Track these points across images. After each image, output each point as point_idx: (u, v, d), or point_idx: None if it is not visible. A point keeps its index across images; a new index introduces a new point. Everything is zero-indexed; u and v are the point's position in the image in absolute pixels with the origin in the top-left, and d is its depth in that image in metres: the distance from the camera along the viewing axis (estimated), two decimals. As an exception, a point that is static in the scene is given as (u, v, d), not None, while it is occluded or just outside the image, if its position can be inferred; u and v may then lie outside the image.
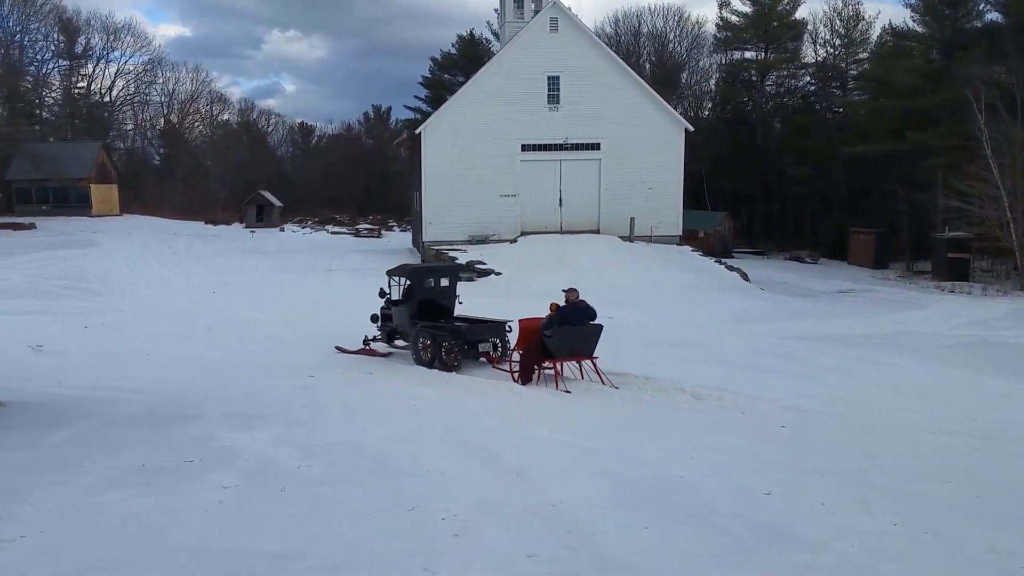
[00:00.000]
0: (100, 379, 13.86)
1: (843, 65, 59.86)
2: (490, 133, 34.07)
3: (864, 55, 57.98)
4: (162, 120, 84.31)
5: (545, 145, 34.57)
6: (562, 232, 34.28)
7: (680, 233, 35.60)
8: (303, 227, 62.22)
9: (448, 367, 14.67)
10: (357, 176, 78.56)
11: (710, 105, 66.00)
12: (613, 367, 15.03)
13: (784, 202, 58.22)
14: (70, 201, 59.48)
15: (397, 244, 48.58)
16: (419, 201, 36.72)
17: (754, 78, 61.11)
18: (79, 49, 76.73)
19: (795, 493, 7.89)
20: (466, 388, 13.53)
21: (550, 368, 13.79)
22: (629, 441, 10.10)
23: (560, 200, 34.91)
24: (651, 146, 34.79)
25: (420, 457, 9.02)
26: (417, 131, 36.15)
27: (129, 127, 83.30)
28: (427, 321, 15.72)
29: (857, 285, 34.34)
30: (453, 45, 73.84)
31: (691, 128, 36.20)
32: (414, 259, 37.78)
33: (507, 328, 15.35)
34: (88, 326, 19.30)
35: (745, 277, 30.30)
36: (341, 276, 32.02)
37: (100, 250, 37.60)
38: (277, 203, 65.29)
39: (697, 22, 75.48)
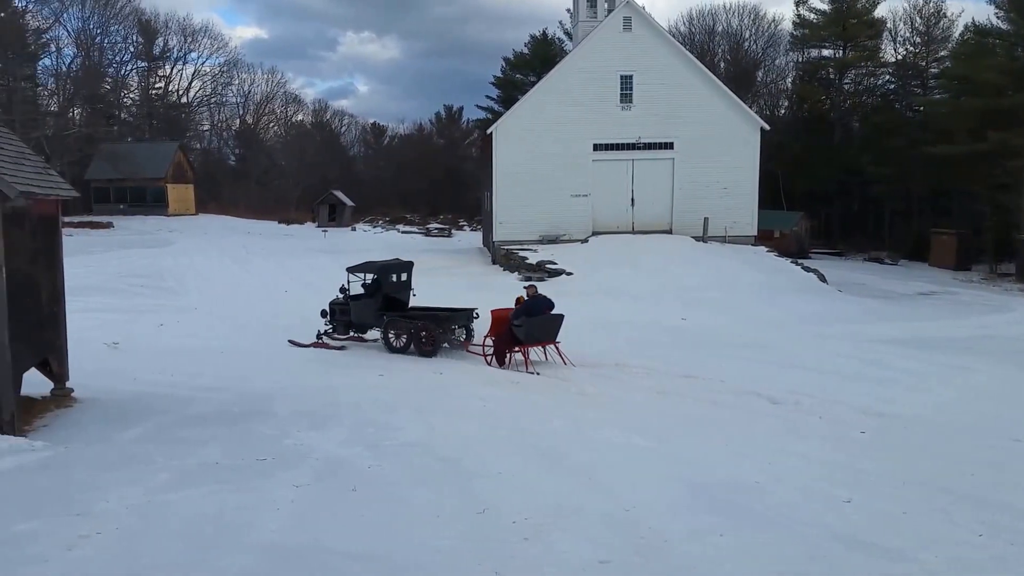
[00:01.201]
0: (174, 376, 14.12)
1: (923, 63, 58.01)
2: (562, 133, 33.90)
3: (945, 53, 56.10)
4: (237, 121, 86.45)
5: (617, 144, 34.25)
6: (634, 232, 33.92)
7: (755, 233, 34.88)
8: (374, 226, 63.03)
9: (424, 352, 16.20)
10: (428, 176, 79.14)
11: (786, 103, 64.78)
12: (686, 369, 14.78)
13: (863, 202, 56.72)
14: (147, 201, 61.20)
15: (467, 244, 48.77)
16: (490, 201, 36.76)
17: (832, 76, 59.77)
18: (157, 51, 79.04)
19: (876, 501, 7.64)
20: (534, 389, 13.45)
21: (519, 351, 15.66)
22: (702, 445, 9.87)
23: (632, 200, 34.55)
24: (726, 145, 34.17)
25: (490, 459, 8.93)
26: (488, 131, 36.17)
27: (205, 128, 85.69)
28: (390, 313, 17.19)
29: (938, 287, 33.18)
30: (525, 45, 73.96)
31: (767, 127, 35.45)
32: (484, 259, 37.86)
33: (474, 315, 17.19)
34: (163, 324, 19.74)
35: (822, 278, 29.50)
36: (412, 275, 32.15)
37: (176, 249, 38.58)
38: (349, 203, 66.19)
39: (773, 20, 74.17)
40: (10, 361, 9.65)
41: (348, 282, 18.26)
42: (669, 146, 34.32)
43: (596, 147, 34.27)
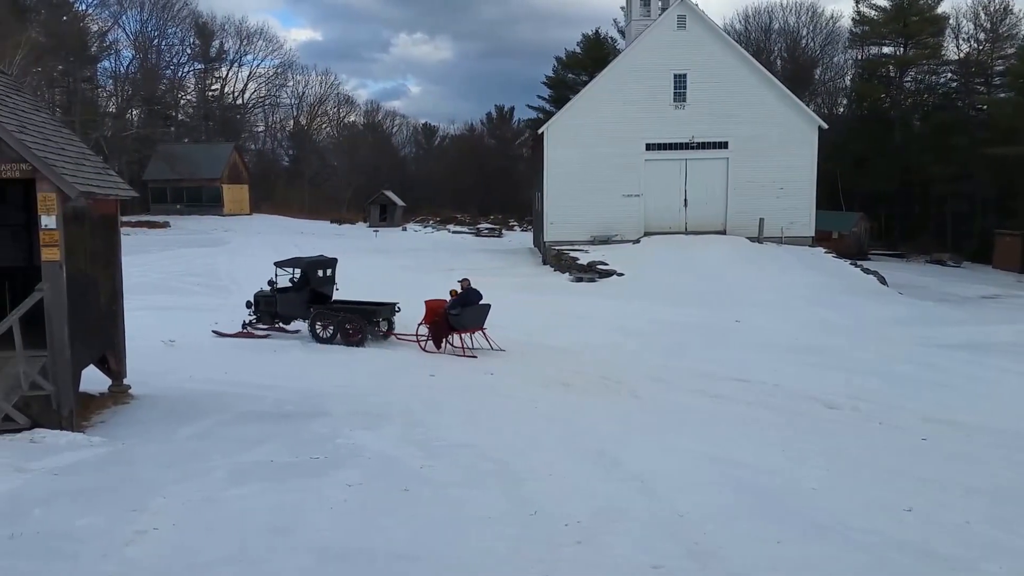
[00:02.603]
0: (229, 374, 14.29)
1: (988, 61, 56.42)
2: (614, 132, 33.68)
3: (1012, 51, 54.50)
4: (291, 122, 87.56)
5: (670, 144, 33.93)
6: (687, 233, 33.57)
7: (813, 234, 34.28)
8: (425, 226, 63.34)
9: (351, 342, 17.44)
10: (479, 176, 79.35)
11: (845, 102, 63.54)
12: (739, 372, 14.51)
13: (924, 203, 55.36)
14: (203, 201, 62.24)
15: (518, 244, 48.74)
16: (540, 201, 36.69)
17: (892, 74, 58.53)
18: (213, 53, 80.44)
19: (937, 510, 7.45)
20: (585, 392, 13.30)
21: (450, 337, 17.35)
22: (757, 450, 9.67)
23: (685, 200, 34.19)
24: (782, 144, 33.63)
25: (540, 461, 8.86)
26: (540, 131, 36.11)
27: (260, 129, 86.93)
28: (317, 306, 18.35)
29: (1003, 290, 32.23)
30: (578, 44, 73.77)
31: (825, 125, 34.78)
32: (535, 260, 37.82)
33: (396, 308, 18.67)
34: (218, 322, 20.00)
35: (882, 281, 28.82)
36: (462, 275, 32.19)
37: (230, 248, 39.17)
38: (400, 203, 66.65)
39: (832, 17, 72.64)
40: (70, 358, 9.83)
41: (276, 276, 19.17)
42: (724, 145, 33.90)
43: (649, 146, 33.99)
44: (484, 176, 78.94)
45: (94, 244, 11.20)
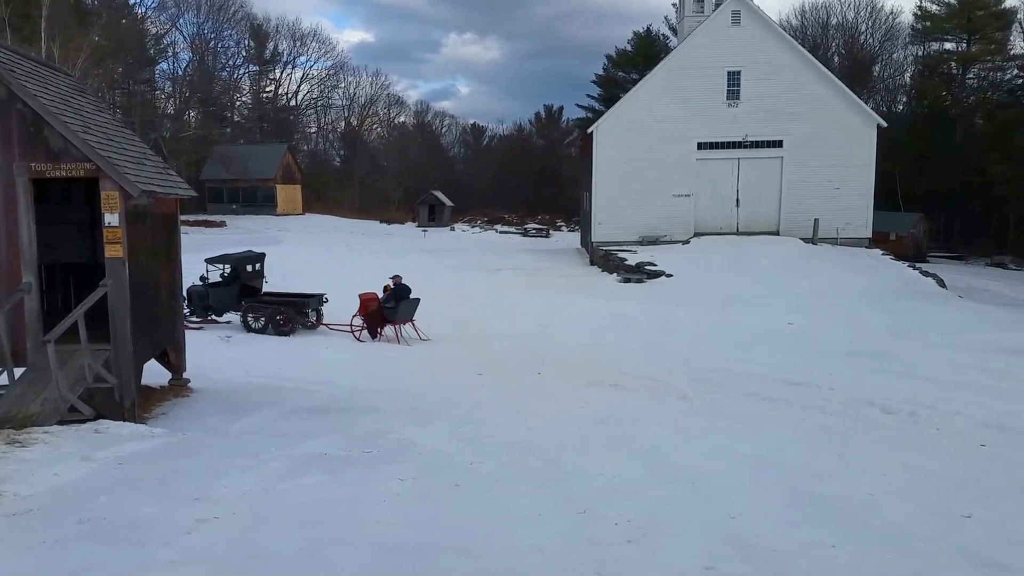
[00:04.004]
0: (282, 370, 14.60)
1: (1057, 57, 54.85)
2: (665, 131, 33.48)
3: (1083, 46, 52.93)
4: (343, 123, 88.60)
5: (723, 143, 33.60)
6: (738, 233, 33.24)
7: (869, 235, 33.66)
8: (472, 226, 63.60)
9: (281, 332, 18.56)
10: (527, 176, 79.41)
11: (905, 100, 62.25)
12: (792, 376, 14.34)
13: (986, 204, 53.98)
14: (257, 200, 63.40)
15: (565, 244, 48.71)
16: (589, 201, 36.60)
17: (954, 71, 57.16)
18: (267, 55, 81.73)
19: (998, 518, 7.25)
20: (635, 393, 13.27)
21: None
22: (811, 454, 9.56)
23: (737, 200, 33.85)
24: (839, 143, 33.09)
25: (590, 460, 8.88)
26: (589, 130, 36.04)
27: (312, 130, 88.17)
28: (248, 299, 19.48)
29: (1067, 295, 31.28)
30: (629, 42, 73.48)
31: (884, 123, 34.13)
32: (582, 260, 37.78)
33: (324, 299, 19.96)
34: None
35: (941, 283, 28.18)
36: (509, 275, 32.38)
37: (284, 247, 39.70)
38: (448, 203, 67.03)
39: (891, 12, 71.38)
40: (132, 352, 10.13)
41: (207, 271, 20.24)
42: (778, 144, 33.47)
43: (700, 145, 33.71)
44: (532, 176, 78.98)
45: (155, 241, 11.52)
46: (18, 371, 10.08)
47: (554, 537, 6.41)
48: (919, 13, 58.24)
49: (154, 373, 12.41)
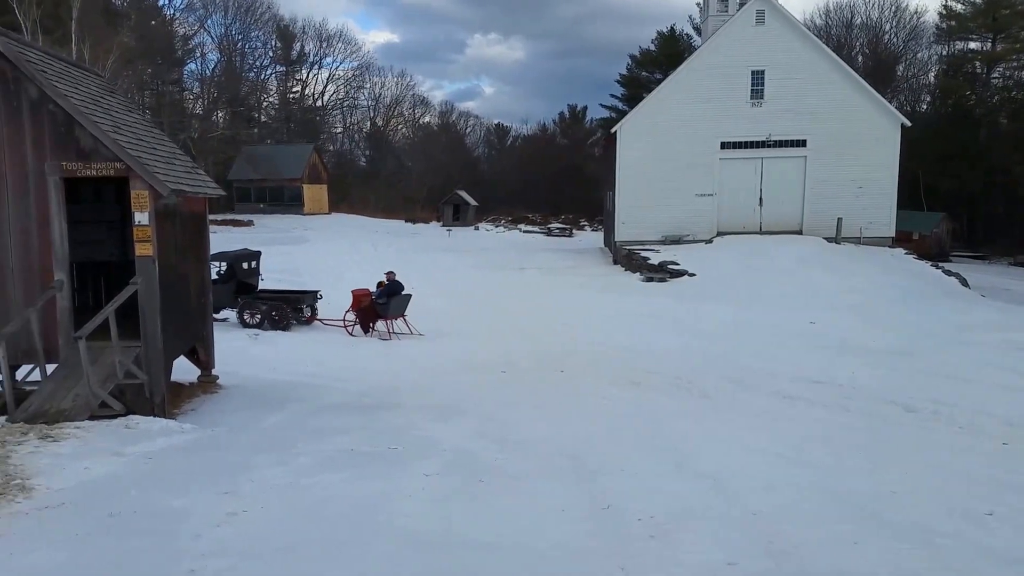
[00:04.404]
0: (308, 367, 14.77)
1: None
2: (688, 130, 33.40)
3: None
4: (368, 123, 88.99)
5: (746, 142, 33.47)
6: (761, 233, 33.08)
7: (892, 235, 33.39)
8: (496, 226, 63.63)
9: (278, 327, 18.99)
10: (550, 176, 79.34)
11: (929, 99, 61.54)
12: (815, 374, 14.30)
13: (1010, 204, 53.31)
14: (284, 200, 63.86)
15: (588, 243, 48.67)
16: (612, 200, 36.57)
17: (979, 71, 56.43)
18: (294, 55, 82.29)
19: (1020, 515, 7.27)
20: (656, 392, 13.29)
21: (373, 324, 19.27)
22: (833, 451, 9.57)
23: (760, 199, 33.70)
24: (862, 142, 32.86)
25: (613, 457, 8.94)
26: (612, 130, 36.00)
27: (338, 130, 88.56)
28: (244, 296, 19.90)
29: (1093, 295, 30.86)
30: (652, 42, 73.25)
31: (907, 123, 33.83)
32: (605, 259, 37.74)
33: (318, 296, 20.45)
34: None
35: (964, 283, 27.93)
36: (533, 274, 32.44)
37: (311, 246, 40.03)
38: (472, 202, 67.14)
39: (916, 12, 70.66)
40: (161, 348, 10.30)
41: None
42: (802, 143, 33.29)
43: (724, 145, 33.59)
44: (555, 176, 78.89)
45: (184, 240, 11.68)
46: (50, 367, 10.25)
47: (578, 533, 6.47)
48: (944, 12, 57.59)
49: (183, 370, 12.59)
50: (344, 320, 19.51)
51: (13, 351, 9.84)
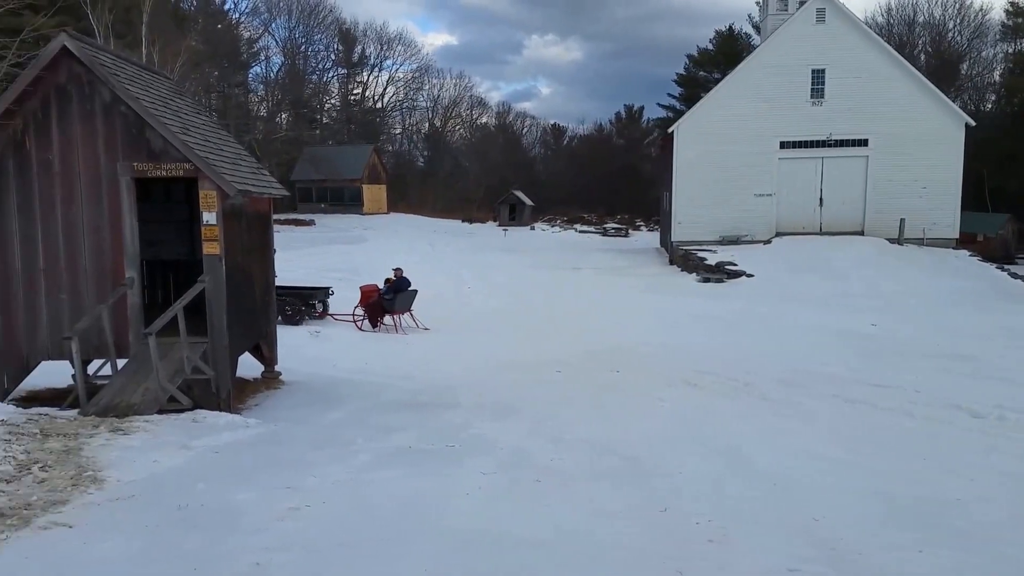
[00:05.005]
0: (368, 365, 14.98)
1: None
2: (746, 130, 33.06)
3: None
4: (427, 124, 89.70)
5: (806, 142, 33.04)
6: (822, 233, 32.58)
7: (956, 236, 32.64)
8: (552, 226, 63.62)
9: (291, 322, 19.11)
10: (606, 176, 79.01)
11: (994, 98, 59.77)
12: (876, 378, 14.04)
13: (1079, 205, 51.48)
14: (344, 200, 64.82)
15: (644, 244, 48.41)
16: (668, 200, 36.35)
17: (1048, 68, 54.64)
18: (355, 58, 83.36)
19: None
20: (713, 393, 13.18)
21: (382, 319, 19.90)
22: (896, 457, 9.39)
23: (821, 199, 33.20)
24: (925, 142, 32.20)
25: (669, 458, 8.90)
26: (669, 130, 35.79)
27: (397, 131, 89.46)
28: None
29: None
30: (711, 41, 72.56)
31: (972, 122, 33.02)
32: (661, 260, 37.52)
33: (330, 292, 20.85)
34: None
35: (1032, 286, 27.15)
36: (588, 274, 32.40)
37: (369, 246, 40.51)
38: (528, 202, 67.24)
39: (981, 9, 68.31)
40: (228, 345, 10.56)
41: None
42: (863, 143, 32.75)
43: (783, 144, 33.20)
44: (611, 176, 78.55)
45: (250, 239, 11.95)
46: (120, 362, 10.57)
47: (635, 534, 6.47)
48: (1010, 9, 55.86)
49: (247, 366, 12.89)
50: (353, 315, 20.11)
51: (85, 346, 10.14)
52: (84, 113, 10.23)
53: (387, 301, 19.80)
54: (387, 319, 19.90)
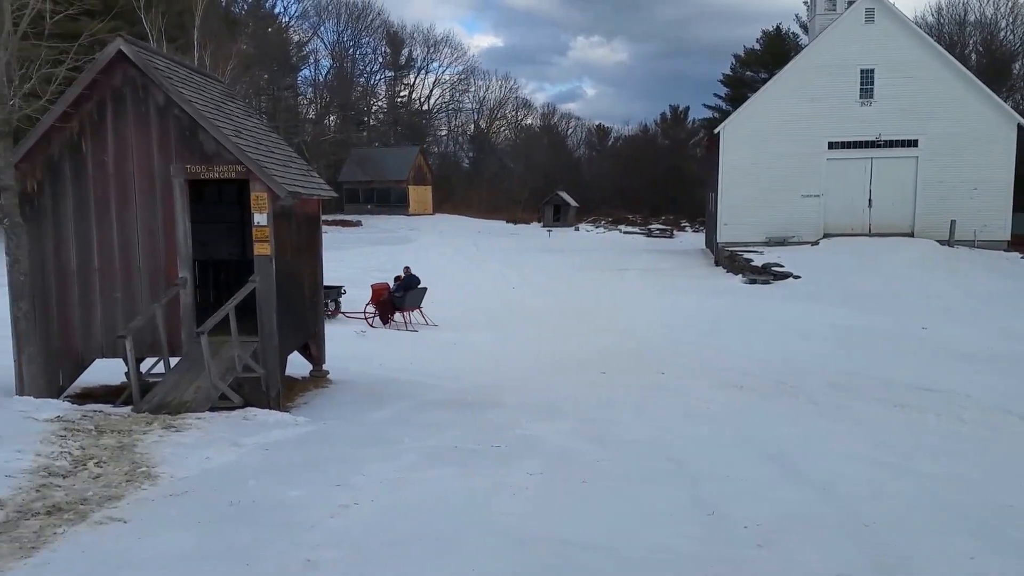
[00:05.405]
0: (415, 364, 15.09)
1: None
2: (794, 130, 32.71)
3: None
4: (472, 125, 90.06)
5: (855, 143, 32.62)
6: (870, 235, 32.10)
7: (1008, 238, 31.98)
8: (596, 226, 63.47)
9: None
10: (651, 176, 78.51)
11: (1047, 97, 58.31)
12: (926, 382, 13.79)
13: None
14: (390, 201, 65.49)
15: (689, 245, 48.08)
16: (714, 201, 36.09)
17: (1104, 66, 53.15)
18: (402, 61, 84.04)
19: None
20: (760, 396, 13.06)
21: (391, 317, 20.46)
22: (948, 462, 9.24)
23: (869, 200, 32.71)
24: (977, 142, 31.63)
25: (716, 461, 8.84)
26: (716, 130, 35.51)
27: (443, 133, 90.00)
28: None
29: None
30: (757, 41, 71.84)
31: (1024, 122, 32.33)
32: (707, 261, 37.24)
33: (342, 291, 20.92)
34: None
35: (1086, 290, 26.40)
36: (633, 275, 32.27)
37: (415, 246, 40.84)
38: (573, 203, 67.13)
39: (1034, 7, 66.92)
40: (278, 344, 10.72)
41: None
42: (913, 143, 32.23)
43: (831, 145, 32.80)
44: (656, 177, 78.01)
45: (299, 240, 12.11)
46: (172, 360, 10.76)
47: (683, 537, 6.43)
48: (1065, 8, 54.55)
49: (296, 364, 13.06)
50: (364, 312, 20.54)
51: (139, 345, 10.34)
52: (139, 116, 10.43)
53: (397, 298, 20.40)
54: (397, 316, 20.44)
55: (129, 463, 7.66)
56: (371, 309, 20.55)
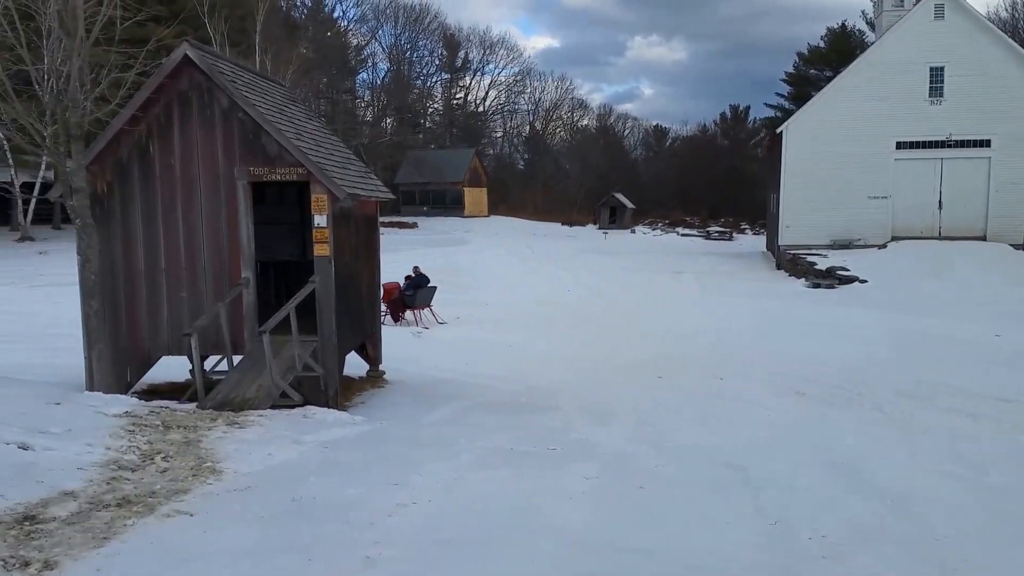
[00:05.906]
0: (468, 366, 15.11)
1: None
2: (860, 130, 32.02)
3: None
4: (527, 127, 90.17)
5: (924, 142, 31.78)
6: (941, 238, 31.24)
7: (1088, 242, 30.85)
8: (653, 228, 63.05)
9: None
10: (709, 178, 77.71)
11: None
12: (1002, 392, 13.33)
13: None
14: (446, 203, 65.95)
15: (748, 247, 47.40)
16: (775, 203, 35.51)
17: None
18: (459, 63, 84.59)
19: None
20: (822, 403, 12.76)
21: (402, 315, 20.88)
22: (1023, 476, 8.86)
23: (940, 202, 31.84)
24: (1054, 143, 30.56)
25: (779, 469, 8.64)
26: (778, 130, 34.96)
27: (498, 134, 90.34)
28: None
29: None
30: (822, 38, 70.71)
31: (1105, 122, 31.15)
32: (767, 264, 36.67)
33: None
34: (459, 317, 21.33)
35: None
36: (691, 279, 31.91)
37: (470, 248, 40.98)
38: (629, 205, 66.77)
39: (1117, -2, 64.50)
40: (336, 344, 10.82)
41: None
42: (986, 144, 31.27)
43: (899, 145, 32.03)
44: (715, 178, 77.19)
45: (357, 241, 12.22)
46: (235, 359, 10.96)
47: (745, 546, 6.29)
48: None
49: (353, 365, 13.18)
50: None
51: (203, 343, 10.54)
52: (204, 119, 10.64)
53: (408, 296, 20.92)
54: (408, 314, 20.92)
55: (195, 458, 7.80)
56: (383, 307, 20.63)
